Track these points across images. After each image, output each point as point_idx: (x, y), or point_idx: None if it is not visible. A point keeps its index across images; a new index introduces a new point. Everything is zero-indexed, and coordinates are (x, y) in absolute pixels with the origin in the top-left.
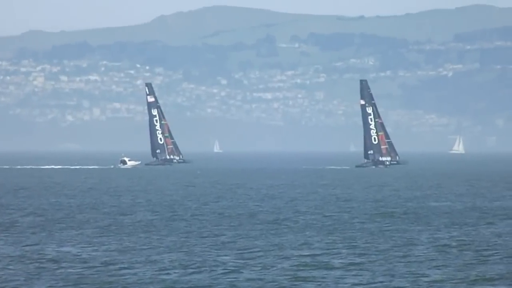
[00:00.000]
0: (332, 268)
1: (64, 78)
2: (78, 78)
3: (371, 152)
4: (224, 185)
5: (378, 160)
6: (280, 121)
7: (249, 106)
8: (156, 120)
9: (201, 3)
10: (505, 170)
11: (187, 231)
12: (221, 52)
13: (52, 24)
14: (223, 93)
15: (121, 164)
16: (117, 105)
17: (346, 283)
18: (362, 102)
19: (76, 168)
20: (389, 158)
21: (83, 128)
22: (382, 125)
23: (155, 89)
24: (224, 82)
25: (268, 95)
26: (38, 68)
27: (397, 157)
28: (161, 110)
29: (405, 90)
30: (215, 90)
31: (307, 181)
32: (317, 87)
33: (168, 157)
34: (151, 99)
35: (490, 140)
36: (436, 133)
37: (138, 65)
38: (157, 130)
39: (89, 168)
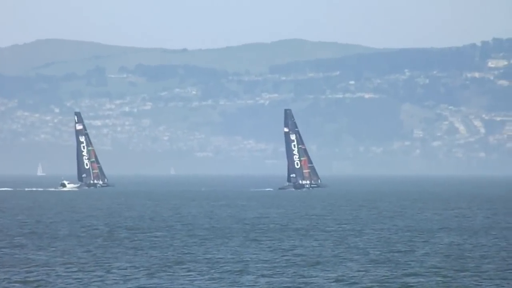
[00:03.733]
0: None
1: None
2: None
3: (293, 175)
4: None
5: (299, 183)
6: (109, 146)
7: None
8: (83, 147)
9: (35, 35)
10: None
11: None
12: (54, 82)
13: None
14: (56, 120)
15: (61, 187)
16: None
17: None
18: (286, 129)
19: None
20: (308, 182)
21: None
22: (305, 150)
23: None
24: (56, 110)
25: (98, 122)
26: None
27: (319, 181)
28: (88, 137)
29: (225, 118)
30: (48, 118)
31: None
32: (144, 115)
33: (92, 181)
34: (79, 127)
35: None
36: (254, 158)
37: None
38: (84, 156)
39: (32, 191)
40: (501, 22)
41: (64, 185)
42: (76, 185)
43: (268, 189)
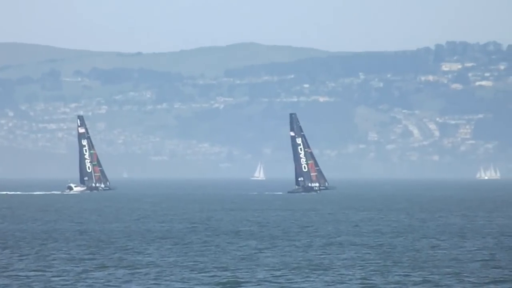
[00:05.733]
0: None
1: None
2: None
3: (301, 179)
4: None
5: (308, 186)
6: (63, 149)
7: (35, 135)
8: (86, 150)
9: None
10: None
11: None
12: (9, 86)
13: None
14: (10, 124)
15: (68, 190)
16: None
17: None
18: (292, 134)
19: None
20: (317, 184)
21: None
22: (311, 154)
23: None
24: (11, 114)
25: (53, 126)
26: None
27: (326, 183)
28: (90, 141)
29: (180, 121)
30: (2, 121)
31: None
32: (99, 118)
33: (94, 184)
34: (81, 130)
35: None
36: (208, 161)
37: None
38: (86, 159)
39: (39, 194)
40: (454, 26)
41: (71, 188)
42: (83, 188)
43: (278, 192)
